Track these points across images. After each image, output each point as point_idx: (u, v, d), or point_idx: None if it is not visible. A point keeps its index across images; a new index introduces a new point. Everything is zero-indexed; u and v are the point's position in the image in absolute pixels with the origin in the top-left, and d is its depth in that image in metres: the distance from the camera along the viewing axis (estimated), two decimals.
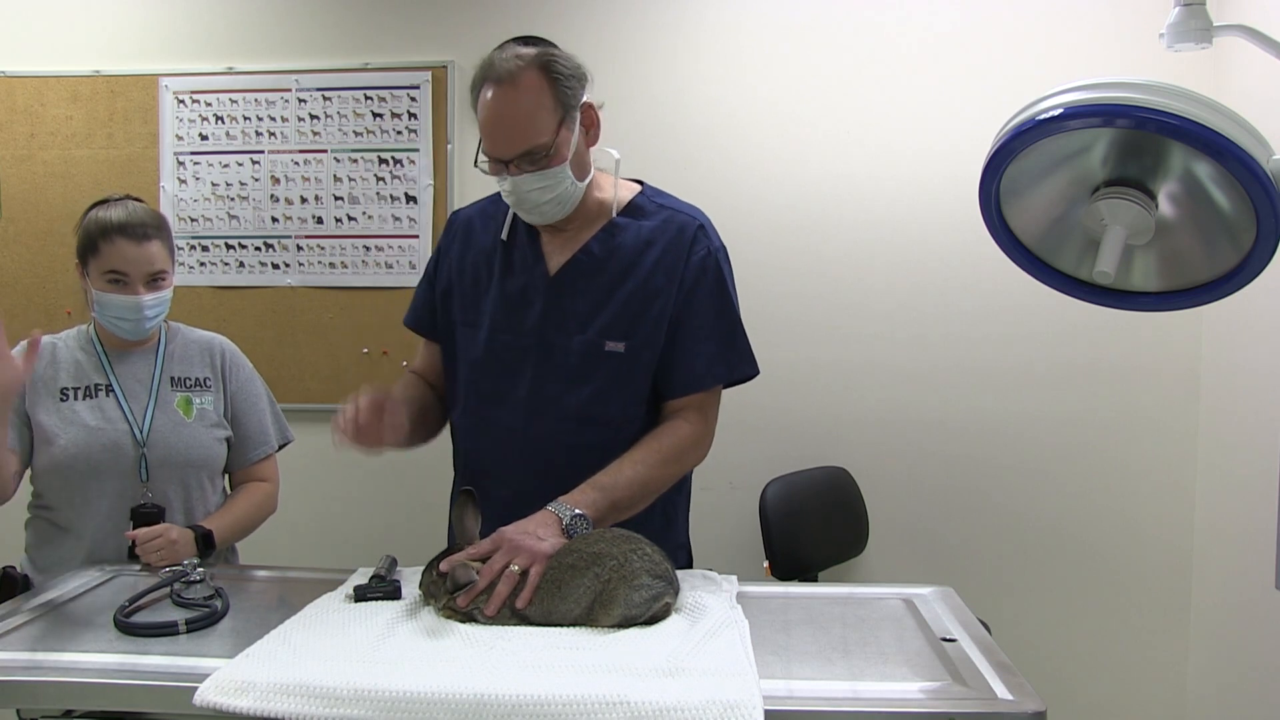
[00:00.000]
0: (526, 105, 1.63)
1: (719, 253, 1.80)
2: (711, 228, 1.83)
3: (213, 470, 2.05)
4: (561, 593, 1.44)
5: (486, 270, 1.83)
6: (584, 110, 1.70)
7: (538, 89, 1.64)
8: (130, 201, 1.99)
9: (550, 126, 1.64)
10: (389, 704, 1.17)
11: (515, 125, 1.64)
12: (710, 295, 1.77)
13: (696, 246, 1.77)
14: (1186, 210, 1.43)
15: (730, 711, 1.13)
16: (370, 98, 3.06)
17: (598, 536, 1.51)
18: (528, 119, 1.64)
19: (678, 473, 1.79)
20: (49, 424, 1.94)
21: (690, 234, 1.78)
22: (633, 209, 1.81)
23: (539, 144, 1.64)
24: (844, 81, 2.92)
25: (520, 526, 1.54)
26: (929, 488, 2.96)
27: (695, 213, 1.83)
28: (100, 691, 1.28)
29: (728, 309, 1.80)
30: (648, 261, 1.76)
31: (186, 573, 1.61)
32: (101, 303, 1.94)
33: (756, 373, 1.84)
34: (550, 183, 1.68)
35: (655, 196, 1.85)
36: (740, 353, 1.82)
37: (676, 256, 1.76)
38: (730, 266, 1.83)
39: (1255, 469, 2.51)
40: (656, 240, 1.77)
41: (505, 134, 1.66)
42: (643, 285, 1.75)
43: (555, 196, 1.69)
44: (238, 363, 2.12)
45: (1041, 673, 1.90)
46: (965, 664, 1.30)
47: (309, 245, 3.10)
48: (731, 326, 1.81)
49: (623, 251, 1.77)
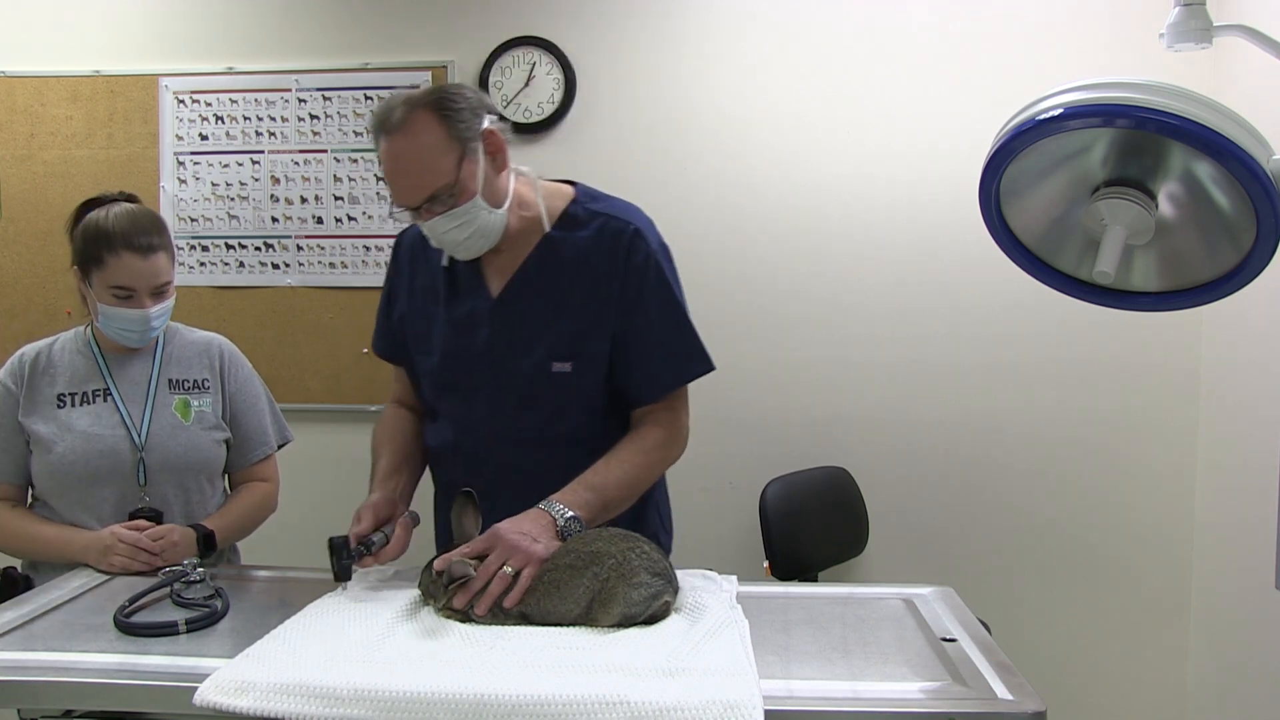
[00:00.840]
0: (422, 150, 1.61)
1: (658, 254, 1.76)
2: (648, 227, 1.79)
3: (211, 472, 2.05)
4: (560, 593, 1.44)
5: (434, 297, 1.82)
6: (486, 138, 1.65)
7: (431, 130, 1.60)
8: (125, 203, 1.96)
9: (450, 165, 1.61)
10: (389, 704, 1.17)
11: (414, 172, 1.62)
12: (654, 302, 1.75)
13: (634, 254, 1.73)
14: (1186, 210, 1.43)
15: (730, 711, 1.13)
16: (370, 98, 3.06)
17: (595, 535, 1.51)
18: (425, 164, 1.61)
19: (660, 470, 1.80)
20: (46, 432, 1.93)
21: (626, 241, 1.74)
22: (566, 220, 1.77)
23: (442, 186, 1.61)
24: (845, 82, 2.92)
25: (516, 525, 1.54)
26: (929, 488, 2.96)
27: (630, 214, 1.79)
28: (100, 691, 1.28)
29: (673, 312, 1.77)
30: (587, 276, 1.73)
31: (186, 573, 1.61)
32: (107, 315, 1.93)
33: (712, 368, 1.80)
34: (465, 219, 1.65)
35: (589, 202, 1.79)
36: (693, 353, 1.79)
37: (614, 266, 1.73)
38: (672, 264, 1.80)
39: (1255, 469, 2.51)
40: (593, 251, 1.74)
41: (406, 183, 1.63)
42: (585, 302, 1.73)
43: (474, 231, 1.67)
44: (236, 363, 2.11)
45: (1041, 673, 1.90)
46: (965, 664, 1.30)
47: (309, 245, 3.10)
48: (680, 329, 1.78)
49: (561, 268, 1.74)
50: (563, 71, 2.98)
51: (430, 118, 1.60)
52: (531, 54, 2.99)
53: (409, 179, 1.62)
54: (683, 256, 2.95)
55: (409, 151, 1.61)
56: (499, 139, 1.68)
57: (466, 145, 1.63)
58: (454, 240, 1.68)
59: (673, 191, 2.99)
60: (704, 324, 2.88)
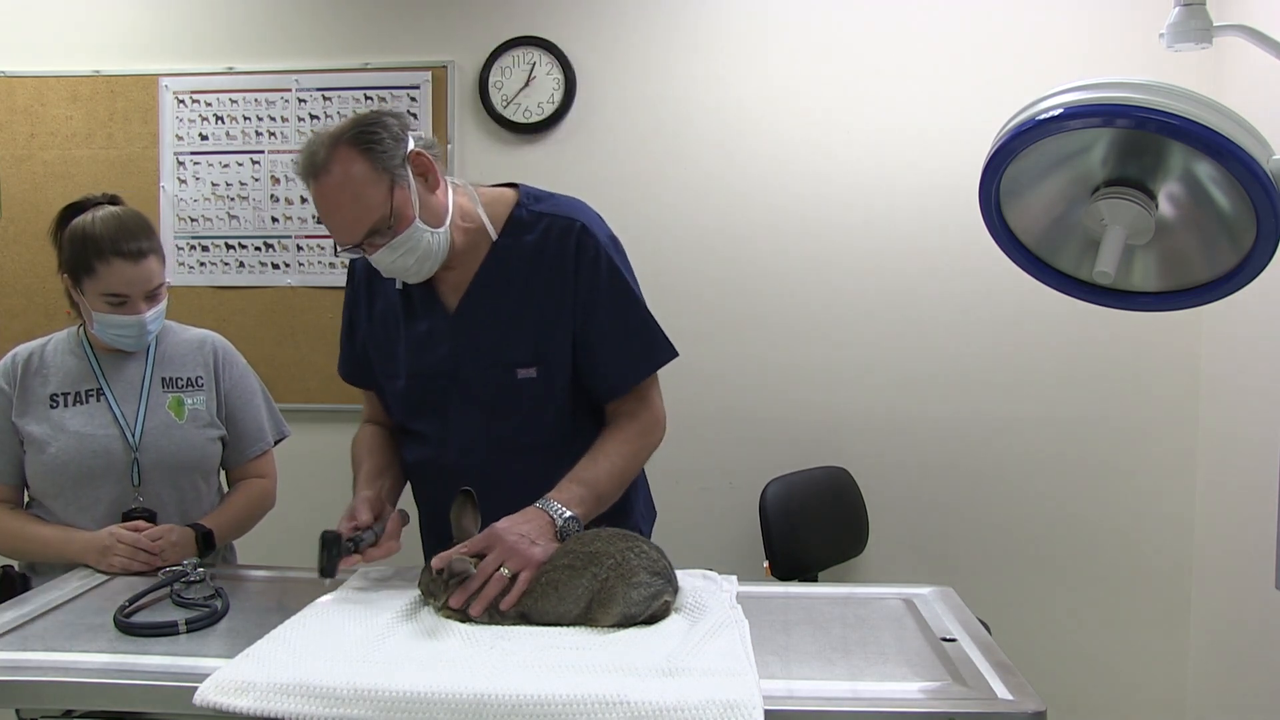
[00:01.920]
0: (349, 188, 1.59)
1: (608, 247, 1.75)
2: (595, 222, 1.77)
3: (206, 471, 2.04)
4: (560, 593, 1.44)
5: (393, 320, 1.82)
6: (413, 161, 1.64)
7: (356, 166, 1.59)
8: (110, 206, 1.94)
9: (381, 197, 1.60)
10: (389, 704, 1.17)
11: (347, 210, 1.61)
12: (609, 297, 1.74)
13: (583, 251, 1.72)
14: (1186, 210, 1.43)
15: (730, 711, 1.13)
16: (370, 98, 3.06)
17: (594, 536, 1.51)
18: (355, 201, 1.60)
19: (644, 458, 1.80)
20: (39, 433, 1.92)
21: (574, 239, 1.72)
22: (512, 225, 1.75)
23: (378, 219, 1.60)
24: (845, 82, 2.92)
25: (513, 526, 1.54)
26: (929, 488, 2.97)
27: (575, 210, 1.77)
28: (100, 691, 1.28)
29: (629, 304, 1.76)
30: (540, 279, 1.73)
31: (186, 573, 1.61)
32: (102, 322, 1.92)
33: (674, 354, 1.79)
34: (407, 246, 1.64)
35: (532, 204, 1.78)
36: (654, 342, 1.78)
37: (564, 266, 1.72)
38: (623, 255, 1.79)
39: (1255, 469, 2.51)
40: (542, 254, 1.73)
41: (341, 221, 1.62)
42: (541, 305, 1.73)
43: (419, 255, 1.66)
44: (230, 359, 2.11)
45: (1041, 673, 1.91)
46: (965, 664, 1.30)
47: (309, 245, 3.10)
48: (640, 320, 1.77)
49: (513, 274, 1.74)
50: (563, 71, 2.98)
51: (352, 153, 1.59)
52: (531, 54, 2.99)
53: (343, 217, 1.62)
54: (683, 256, 3.00)
55: (338, 191, 1.60)
56: (425, 159, 1.65)
57: (394, 173, 1.61)
58: (402, 267, 1.67)
59: (672, 191, 2.99)
60: (704, 324, 2.91)
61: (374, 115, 1.64)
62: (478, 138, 3.04)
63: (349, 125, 1.62)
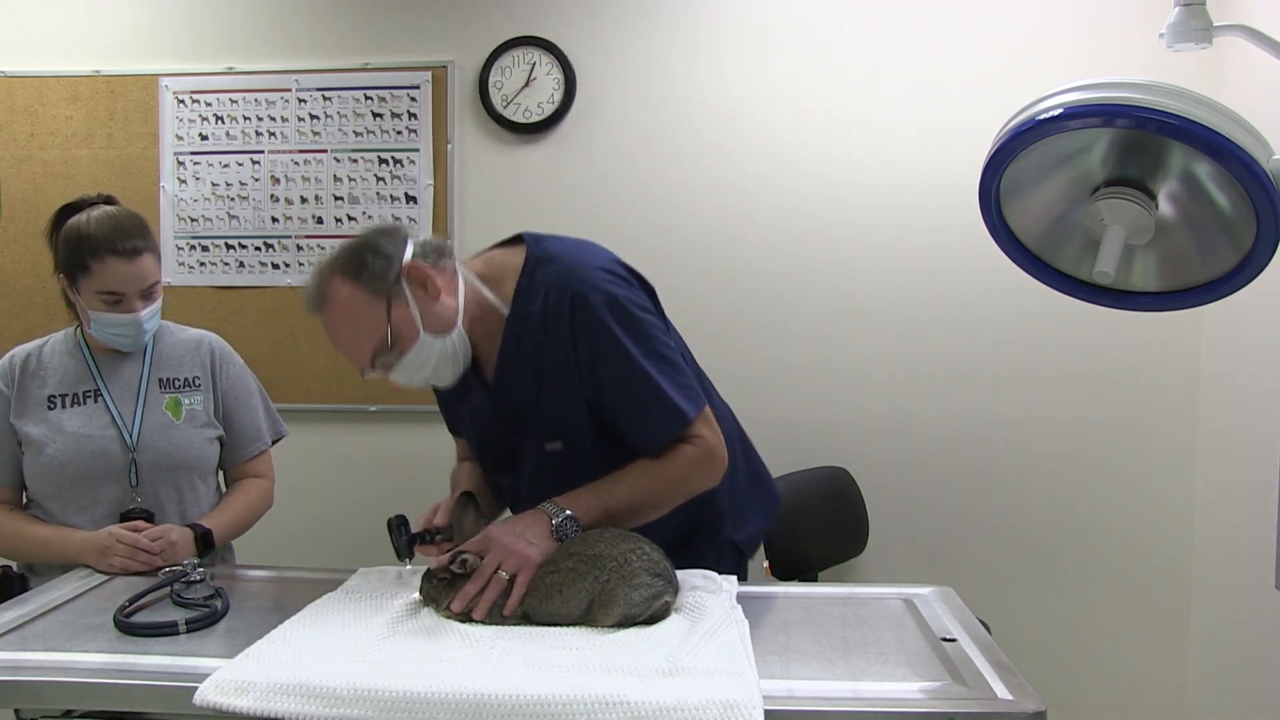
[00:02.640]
0: (346, 316, 1.59)
1: (605, 311, 1.63)
2: (595, 281, 1.66)
3: (204, 470, 2.04)
4: (563, 595, 1.45)
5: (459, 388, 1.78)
6: (409, 275, 1.60)
7: (347, 295, 1.58)
8: (104, 206, 1.94)
9: (378, 320, 1.58)
10: (389, 704, 1.17)
11: (348, 339, 1.61)
12: (611, 370, 1.65)
13: (580, 324, 1.64)
14: (1186, 210, 1.43)
15: (730, 711, 1.13)
16: (370, 98, 3.06)
17: (596, 537, 1.51)
18: (355, 331, 1.60)
19: (684, 491, 1.70)
20: (37, 434, 1.92)
21: (567, 311, 1.64)
22: (520, 296, 1.68)
23: (377, 342, 1.59)
24: (845, 82, 2.92)
25: (510, 527, 1.54)
26: (929, 488, 2.96)
27: (573, 274, 1.66)
28: (100, 691, 1.28)
29: (633, 376, 1.64)
30: (550, 354, 1.67)
31: (186, 573, 1.61)
32: (99, 321, 1.92)
33: (687, 423, 1.66)
34: (419, 360, 1.62)
35: (535, 269, 1.69)
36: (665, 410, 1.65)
37: (565, 341, 1.65)
38: (626, 313, 1.65)
39: (1255, 469, 2.51)
40: (546, 328, 1.66)
41: (346, 350, 1.62)
42: (555, 379, 1.68)
43: (436, 363, 1.64)
44: (228, 359, 2.11)
45: (1041, 673, 1.90)
46: (965, 664, 1.30)
47: (309, 245, 3.10)
48: (648, 391, 1.64)
49: (528, 349, 1.69)
50: (563, 71, 2.98)
51: (343, 283, 1.58)
52: (531, 54, 2.99)
53: (347, 344, 1.62)
54: (682, 256, 2.99)
55: (337, 320, 1.61)
56: (422, 269, 1.60)
57: (390, 293, 1.58)
58: (422, 379, 1.66)
59: (672, 191, 2.99)
60: (704, 324, 2.91)
61: (364, 238, 1.62)
62: (478, 138, 3.04)
63: (339, 253, 1.61)
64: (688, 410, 1.66)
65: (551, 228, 1.83)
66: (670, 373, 1.67)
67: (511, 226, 1.86)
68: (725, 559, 1.85)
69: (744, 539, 1.90)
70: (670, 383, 1.66)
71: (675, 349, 1.72)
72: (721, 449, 1.71)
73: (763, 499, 1.97)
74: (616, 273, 1.71)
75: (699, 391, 1.72)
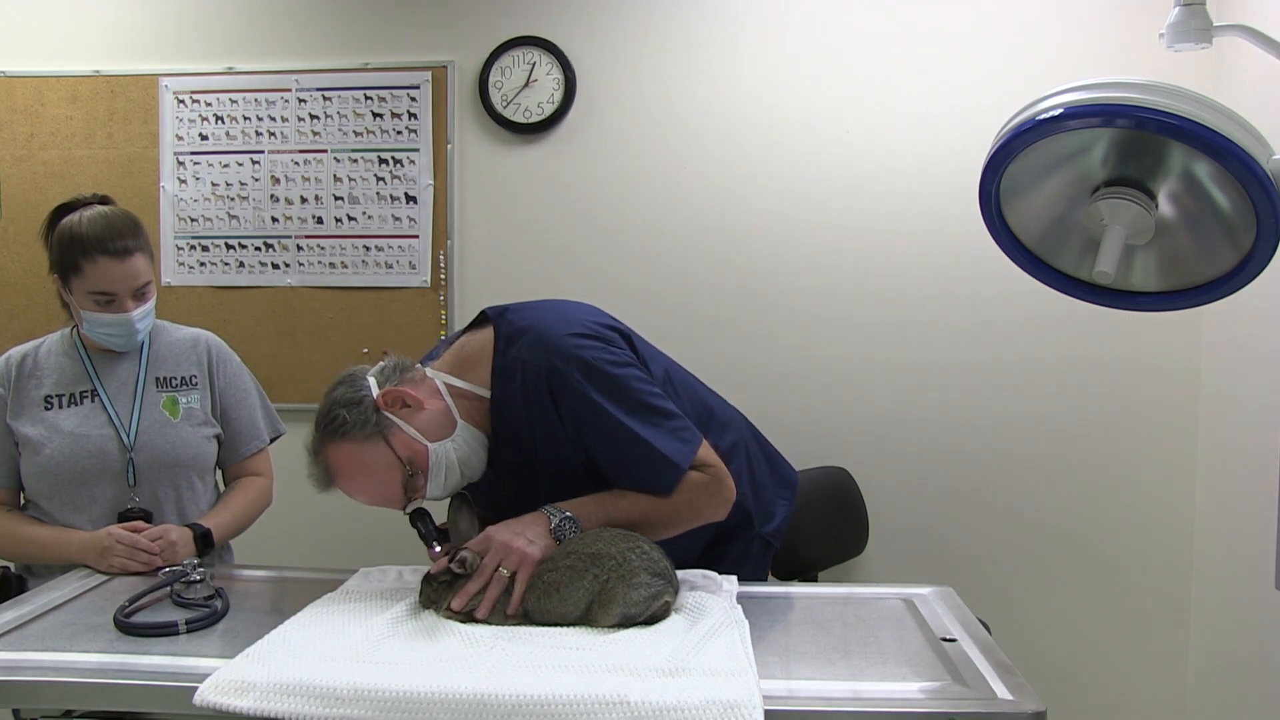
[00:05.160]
0: (361, 474, 1.61)
1: (581, 378, 1.63)
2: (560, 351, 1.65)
3: (202, 469, 2.04)
4: (561, 593, 1.45)
5: None
6: (386, 404, 1.61)
7: (348, 455, 1.59)
8: (99, 205, 1.94)
9: (388, 458, 1.59)
10: (389, 704, 1.17)
11: (375, 490, 1.62)
12: (597, 434, 1.64)
13: (559, 397, 1.64)
14: (1186, 210, 1.43)
15: (730, 711, 1.13)
16: (370, 98, 3.06)
17: (596, 536, 1.51)
18: (373, 479, 1.61)
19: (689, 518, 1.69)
20: (34, 434, 1.93)
21: (543, 386, 1.64)
22: (498, 377, 1.69)
23: (401, 477, 1.60)
24: (845, 81, 2.92)
25: (509, 526, 1.55)
26: (929, 488, 2.96)
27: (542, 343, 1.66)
28: (100, 691, 1.28)
29: (618, 436, 1.63)
30: (538, 430, 1.67)
31: (186, 573, 1.61)
32: (91, 321, 1.92)
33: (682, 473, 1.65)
34: (444, 469, 1.63)
35: (506, 347, 1.69)
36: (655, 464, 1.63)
37: (548, 415, 1.66)
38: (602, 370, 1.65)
39: (1255, 470, 2.51)
40: (527, 406, 1.67)
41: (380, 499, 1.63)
42: (547, 451, 1.68)
43: (460, 461, 1.65)
44: (225, 358, 2.10)
45: (1041, 673, 1.90)
46: (965, 664, 1.30)
47: (309, 245, 3.10)
48: (635, 448, 1.63)
49: (517, 425, 1.69)
50: (563, 71, 2.98)
51: (336, 448, 1.59)
52: (531, 54, 2.99)
53: (377, 495, 1.62)
54: (682, 256, 2.99)
55: (352, 481, 1.62)
56: (394, 393, 1.62)
57: (383, 431, 1.59)
58: (456, 483, 1.66)
59: (673, 191, 2.98)
60: (704, 324, 2.91)
61: (327, 402, 1.63)
62: (478, 138, 3.04)
63: (317, 430, 1.62)
64: (680, 461, 1.65)
65: (551, 228, 1.83)
66: (659, 422, 1.66)
67: (511, 226, 1.86)
68: (753, 552, 1.88)
69: (771, 530, 1.91)
70: (659, 435, 1.64)
71: (659, 394, 1.70)
72: (728, 479, 1.71)
73: (782, 485, 1.98)
74: (586, 333, 1.70)
75: (692, 431, 1.69)
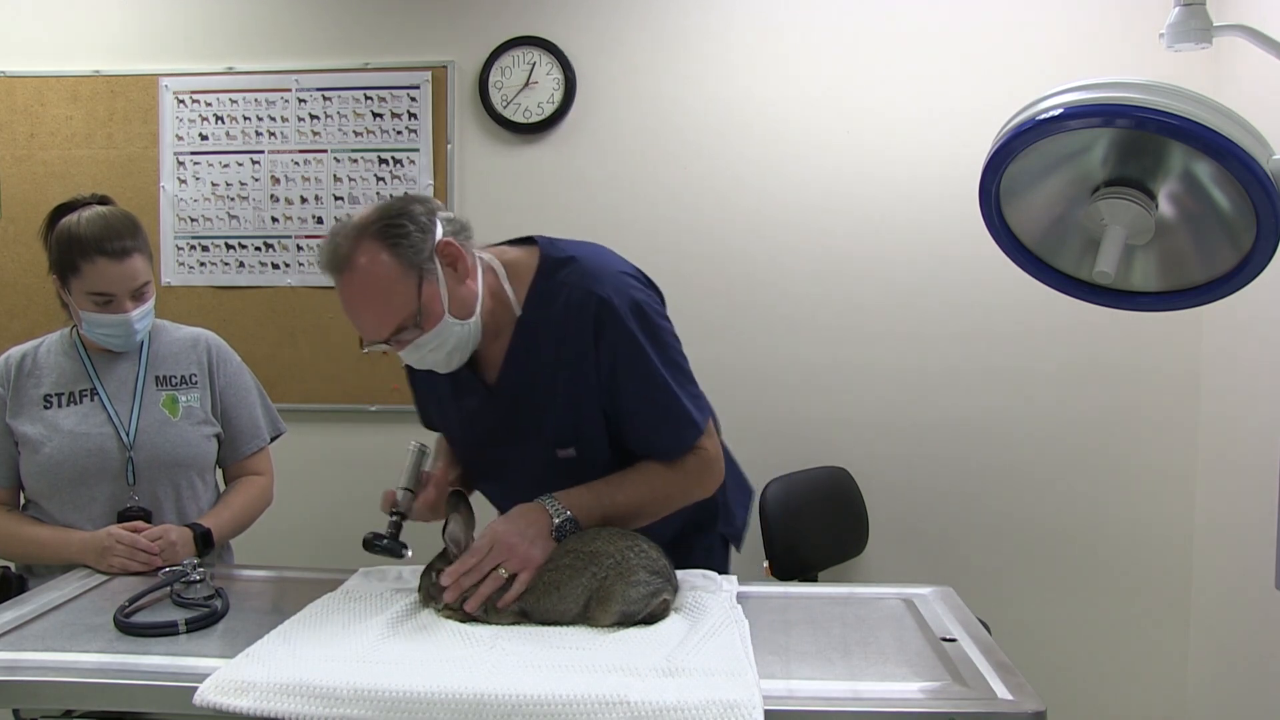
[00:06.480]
0: (376, 285, 1.51)
1: (629, 320, 1.60)
2: (618, 285, 1.62)
3: (202, 468, 2.04)
4: (560, 592, 1.45)
5: (446, 389, 1.75)
6: (442, 251, 1.54)
7: (381, 262, 1.50)
8: (98, 206, 1.94)
9: (409, 294, 1.51)
10: (389, 704, 1.17)
11: (372, 310, 1.53)
12: (632, 378, 1.61)
13: (603, 330, 1.59)
14: (1186, 210, 1.43)
15: (730, 711, 1.13)
16: (370, 98, 3.06)
17: (594, 534, 1.52)
18: (382, 300, 1.52)
19: (680, 501, 1.70)
20: (33, 433, 1.92)
21: (591, 316, 1.59)
22: (535, 298, 1.64)
23: (404, 317, 1.52)
24: (845, 81, 2.92)
25: (513, 525, 1.54)
26: (929, 488, 2.96)
27: (595, 278, 1.62)
28: (100, 691, 1.28)
29: (653, 385, 1.61)
30: (566, 358, 1.62)
31: (186, 573, 1.61)
32: (90, 321, 1.92)
33: (700, 433, 1.66)
34: (437, 342, 1.56)
35: (552, 270, 1.64)
36: (680, 421, 1.64)
37: (586, 345, 1.60)
38: (649, 320, 1.63)
39: (1255, 469, 2.51)
40: (564, 331, 1.61)
41: (367, 321, 1.55)
42: (570, 384, 1.63)
43: (449, 350, 1.59)
44: (225, 357, 2.10)
45: (1041, 673, 1.90)
46: (965, 664, 1.30)
47: (309, 245, 3.10)
48: (665, 401, 1.62)
49: (541, 352, 1.64)
50: (563, 71, 2.98)
51: (377, 248, 1.50)
52: (531, 54, 2.99)
53: (369, 316, 1.54)
54: (682, 256, 2.99)
55: (363, 288, 1.52)
56: (455, 248, 1.55)
57: (423, 268, 1.52)
58: (432, 362, 1.60)
59: (672, 191, 2.99)
60: (703, 323, 2.91)
61: (400, 205, 1.54)
62: (478, 138, 3.04)
63: (374, 216, 1.53)
64: (700, 422, 1.66)
65: (551, 228, 1.82)
66: (684, 382, 1.66)
67: (511, 226, 1.86)
68: (716, 553, 1.87)
69: (732, 531, 1.92)
70: (685, 393, 1.65)
71: (685, 358, 1.71)
72: (721, 460, 1.72)
73: (740, 490, 1.98)
74: (637, 275, 1.70)
75: (707, 401, 1.72)
